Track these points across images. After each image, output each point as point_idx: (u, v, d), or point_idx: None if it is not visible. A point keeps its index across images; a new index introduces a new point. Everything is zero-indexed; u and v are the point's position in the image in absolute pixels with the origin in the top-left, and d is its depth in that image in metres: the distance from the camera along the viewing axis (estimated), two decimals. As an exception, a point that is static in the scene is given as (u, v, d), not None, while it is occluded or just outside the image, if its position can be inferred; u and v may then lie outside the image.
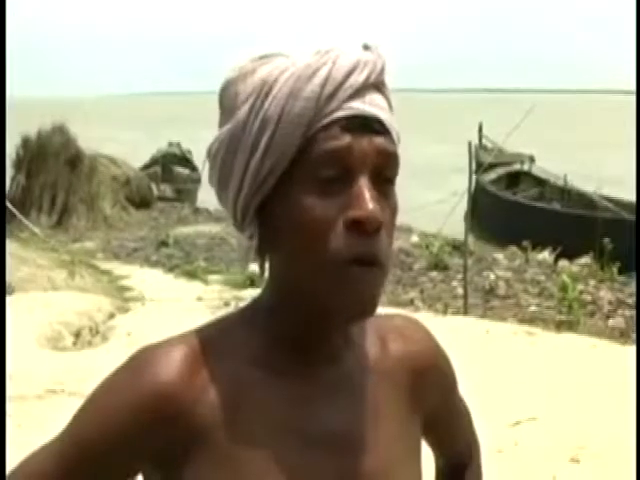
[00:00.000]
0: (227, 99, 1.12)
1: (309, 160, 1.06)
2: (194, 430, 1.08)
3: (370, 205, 1.04)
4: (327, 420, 1.14)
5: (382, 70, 1.11)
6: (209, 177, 1.16)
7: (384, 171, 1.08)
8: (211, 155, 1.13)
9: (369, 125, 1.07)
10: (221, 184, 1.13)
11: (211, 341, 1.13)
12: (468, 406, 1.43)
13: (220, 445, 1.09)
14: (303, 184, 1.06)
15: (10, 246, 12.43)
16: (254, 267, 1.17)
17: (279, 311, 1.13)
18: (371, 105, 1.08)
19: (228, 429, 1.09)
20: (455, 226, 12.58)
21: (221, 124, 1.13)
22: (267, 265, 1.15)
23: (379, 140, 1.07)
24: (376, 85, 1.10)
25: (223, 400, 1.10)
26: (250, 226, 1.12)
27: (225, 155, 1.11)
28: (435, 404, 1.28)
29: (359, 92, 1.07)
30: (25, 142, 19.02)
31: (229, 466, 1.08)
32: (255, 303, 1.18)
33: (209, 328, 1.16)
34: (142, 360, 1.11)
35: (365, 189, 1.05)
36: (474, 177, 12.14)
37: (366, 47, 1.11)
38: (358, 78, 1.07)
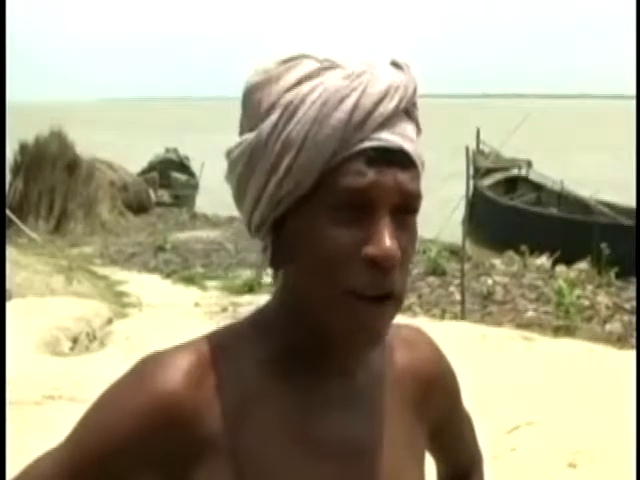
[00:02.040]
0: (250, 105, 1.10)
1: (331, 188, 1.04)
2: (200, 438, 1.08)
3: (388, 243, 1.03)
4: (334, 429, 1.14)
5: (414, 93, 1.08)
6: (227, 177, 1.13)
7: (408, 203, 1.07)
8: (230, 159, 1.11)
9: (395, 158, 1.05)
10: (238, 194, 1.12)
11: (219, 348, 1.13)
12: (471, 417, 1.43)
13: (226, 453, 1.08)
14: (323, 211, 1.04)
15: (8, 251, 12.43)
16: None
17: (289, 322, 1.13)
18: (399, 136, 1.05)
19: (235, 437, 1.09)
20: (453, 231, 12.60)
21: (243, 129, 1.11)
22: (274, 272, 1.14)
23: (404, 176, 1.05)
24: (406, 110, 1.08)
25: (230, 408, 1.09)
26: (265, 238, 1.11)
27: (244, 168, 1.09)
28: (439, 414, 1.28)
29: (388, 121, 1.04)
30: (23, 147, 19.04)
31: (235, 475, 1.08)
32: (265, 311, 1.17)
33: (218, 335, 1.16)
34: (148, 367, 1.11)
35: (384, 226, 1.04)
36: (472, 182, 12.15)
37: (396, 65, 1.08)
38: (388, 106, 1.04)
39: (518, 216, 16.38)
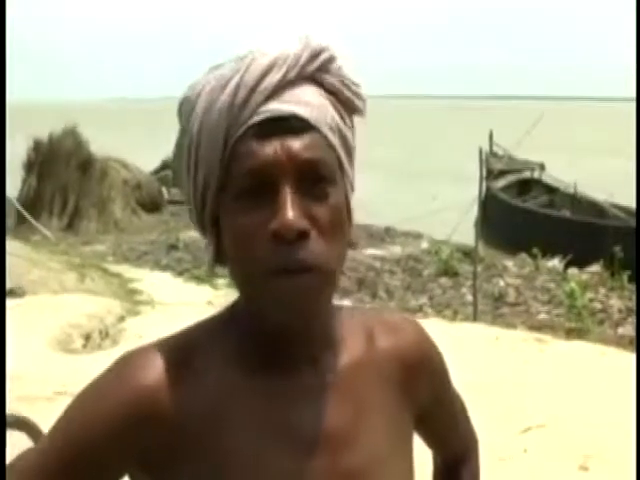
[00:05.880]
0: (180, 115, 1.13)
1: (233, 173, 1.05)
2: (178, 433, 1.09)
3: (288, 214, 1.01)
4: (311, 420, 1.13)
5: (312, 60, 1.07)
6: None
7: (311, 171, 1.05)
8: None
9: (287, 127, 1.04)
10: (181, 193, 1.16)
11: (194, 344, 1.14)
12: (464, 402, 1.41)
13: (205, 447, 1.09)
14: (233, 198, 1.06)
15: (21, 249, 12.47)
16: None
17: (252, 316, 1.13)
18: (290, 103, 1.05)
19: (212, 431, 1.10)
20: (465, 233, 12.58)
21: None
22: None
23: (298, 142, 1.04)
24: (307, 77, 1.08)
25: (207, 403, 1.10)
26: (208, 237, 1.13)
27: (175, 174, 1.15)
28: (427, 399, 1.27)
29: (276, 92, 1.05)
30: (37, 145, 19.10)
31: (215, 467, 1.09)
32: (233, 306, 1.18)
33: (192, 331, 1.17)
34: (125, 364, 1.12)
35: (284, 199, 1.03)
36: (484, 184, 12.13)
37: (293, 38, 1.08)
38: (274, 78, 1.04)
39: (531, 218, 16.34)
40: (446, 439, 1.39)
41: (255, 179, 1.04)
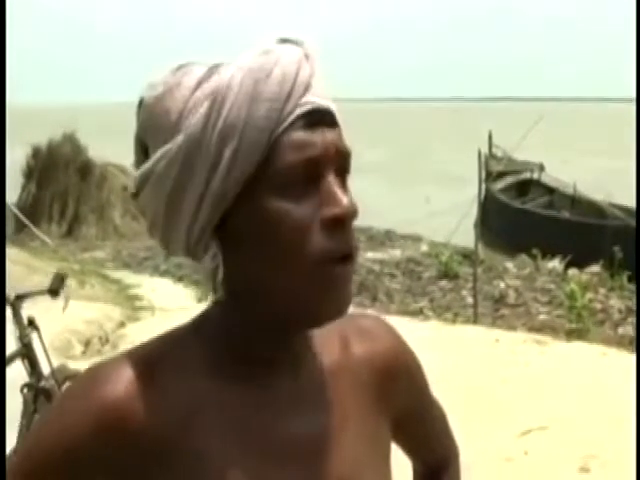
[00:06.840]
0: (156, 117, 1.06)
1: (276, 164, 1.02)
2: (149, 445, 1.06)
3: (345, 200, 1.03)
4: (288, 428, 1.11)
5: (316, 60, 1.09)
6: (146, 204, 1.09)
7: (347, 162, 1.07)
8: (152, 179, 1.06)
9: (325, 119, 1.05)
10: (171, 207, 1.07)
11: (164, 354, 1.11)
12: (443, 409, 1.40)
13: (179, 458, 1.07)
14: (272, 189, 1.02)
15: (20, 255, 12.47)
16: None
17: (235, 323, 1.10)
18: (323, 97, 1.06)
19: (186, 442, 1.07)
20: (465, 235, 12.58)
21: (155, 145, 1.06)
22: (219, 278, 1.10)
23: (336, 135, 1.06)
24: (318, 77, 1.08)
25: (179, 414, 1.08)
26: (209, 246, 1.07)
27: (179, 176, 1.04)
28: (404, 405, 1.26)
29: (309, 86, 1.05)
30: (36, 152, 19.11)
31: (190, 478, 1.07)
32: (207, 314, 1.15)
33: (161, 341, 1.14)
34: (92, 378, 1.10)
35: (336, 185, 1.04)
36: (484, 186, 12.13)
37: (290, 41, 1.08)
38: (306, 72, 1.05)
39: (530, 219, 16.35)
40: (426, 445, 1.38)
41: (306, 169, 1.03)
